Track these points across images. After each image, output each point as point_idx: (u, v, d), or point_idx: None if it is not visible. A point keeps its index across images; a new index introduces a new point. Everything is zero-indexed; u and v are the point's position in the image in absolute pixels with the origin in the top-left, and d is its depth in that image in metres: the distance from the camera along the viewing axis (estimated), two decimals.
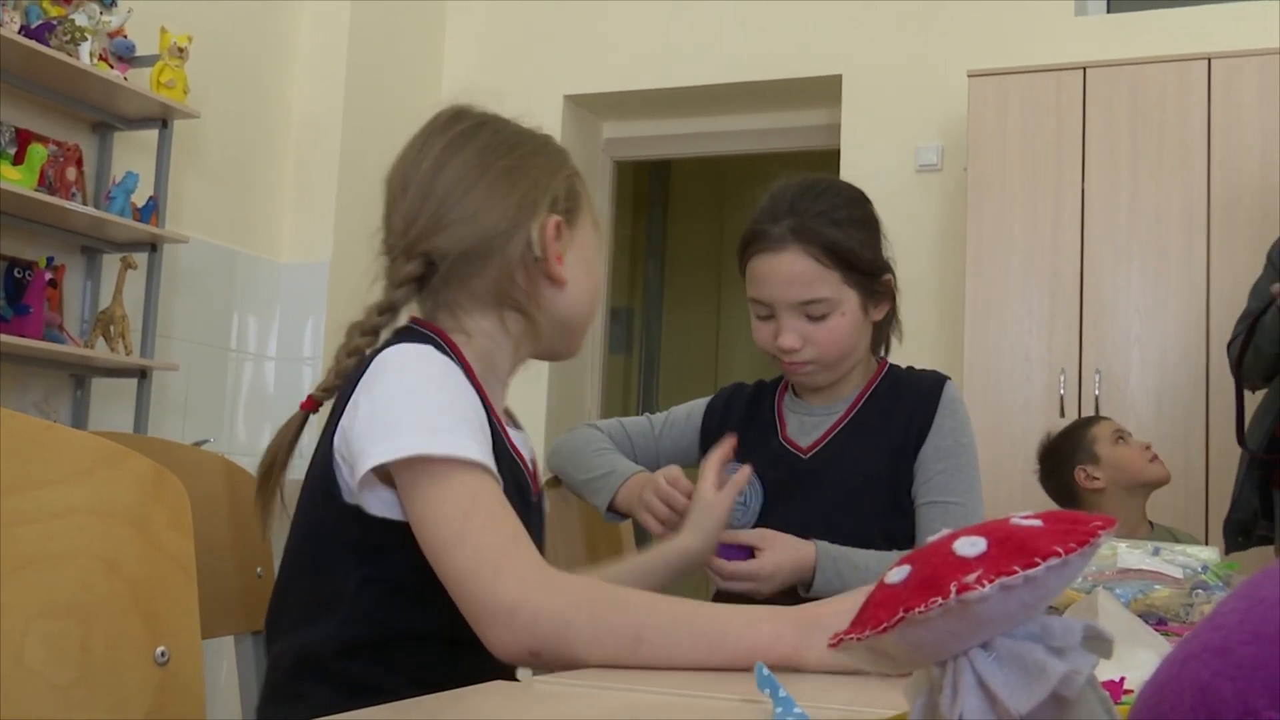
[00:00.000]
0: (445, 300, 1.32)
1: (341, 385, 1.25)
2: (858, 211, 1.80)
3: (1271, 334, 2.82)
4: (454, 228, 1.28)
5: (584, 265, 1.35)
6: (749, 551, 1.68)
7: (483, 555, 1.09)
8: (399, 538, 1.17)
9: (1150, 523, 3.03)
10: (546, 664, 1.08)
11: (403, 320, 1.33)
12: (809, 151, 4.95)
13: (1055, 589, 0.47)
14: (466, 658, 1.24)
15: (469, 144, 1.32)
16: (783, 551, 1.67)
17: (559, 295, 1.32)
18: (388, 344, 1.25)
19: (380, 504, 1.18)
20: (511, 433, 1.34)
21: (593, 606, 1.07)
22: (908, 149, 4.58)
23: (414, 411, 1.16)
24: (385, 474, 1.17)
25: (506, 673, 1.29)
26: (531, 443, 1.39)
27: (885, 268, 1.82)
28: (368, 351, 1.28)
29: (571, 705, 0.91)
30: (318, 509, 1.24)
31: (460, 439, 1.14)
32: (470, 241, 1.28)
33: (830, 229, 1.74)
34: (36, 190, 3.44)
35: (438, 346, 1.25)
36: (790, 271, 1.74)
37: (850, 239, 1.76)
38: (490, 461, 1.16)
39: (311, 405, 1.30)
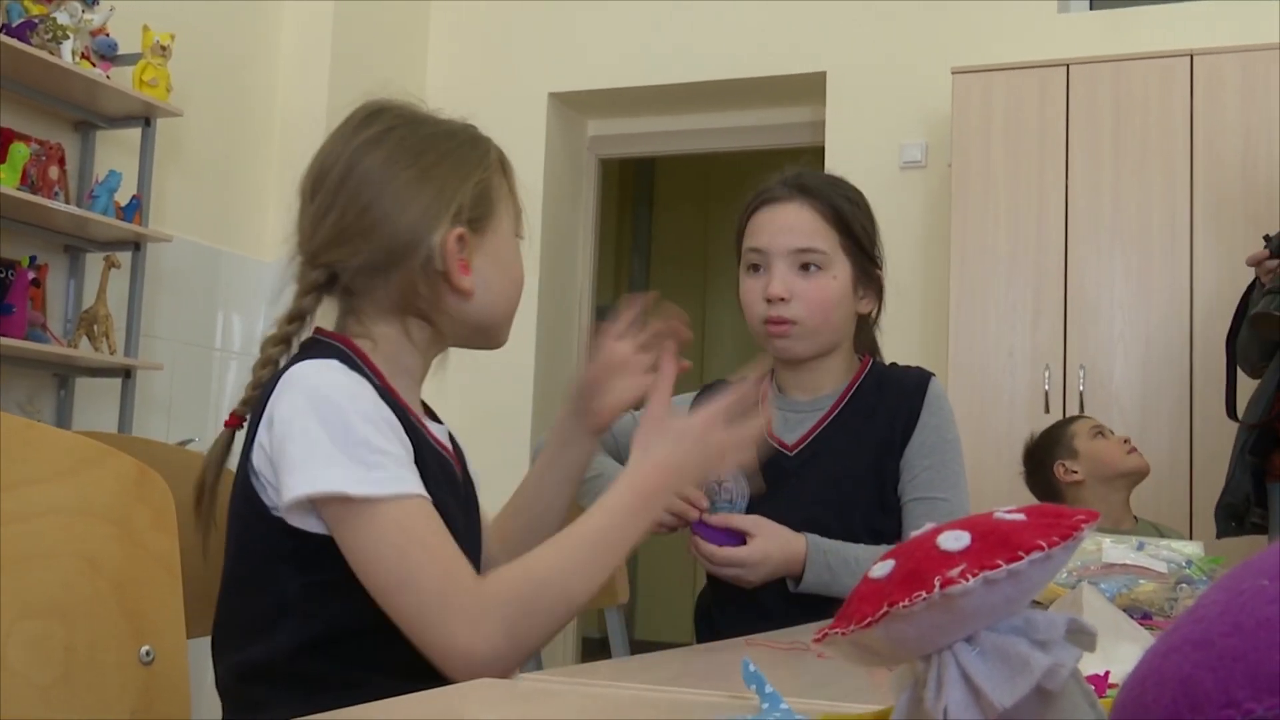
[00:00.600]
0: (351, 307, 1.32)
1: (258, 397, 1.25)
2: (861, 201, 1.88)
3: (1257, 301, 2.82)
4: (354, 241, 1.27)
5: (498, 268, 1.33)
6: (740, 538, 1.69)
7: (426, 599, 1.12)
8: (334, 542, 1.17)
9: (1135, 517, 3.05)
10: (524, 659, 1.15)
11: (318, 324, 1.33)
12: (793, 149, 4.93)
13: (1039, 582, 0.47)
14: None
15: (374, 152, 1.30)
16: (772, 540, 1.68)
17: (466, 304, 1.31)
18: (294, 359, 1.24)
19: (311, 522, 1.17)
20: (431, 426, 1.34)
21: (523, 601, 1.14)
22: (892, 146, 4.59)
23: (325, 443, 1.14)
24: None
25: None
26: (451, 431, 1.40)
27: (878, 261, 1.86)
28: (282, 361, 1.28)
29: (559, 702, 0.91)
30: (245, 524, 1.23)
31: (376, 473, 1.14)
32: (370, 255, 1.27)
33: (836, 198, 1.83)
34: (19, 189, 3.42)
35: (344, 358, 1.24)
36: (792, 219, 1.81)
37: (852, 213, 1.83)
38: (413, 479, 1.16)
39: (236, 422, 1.29)
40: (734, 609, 1.77)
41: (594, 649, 6.20)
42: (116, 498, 1.01)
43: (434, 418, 1.39)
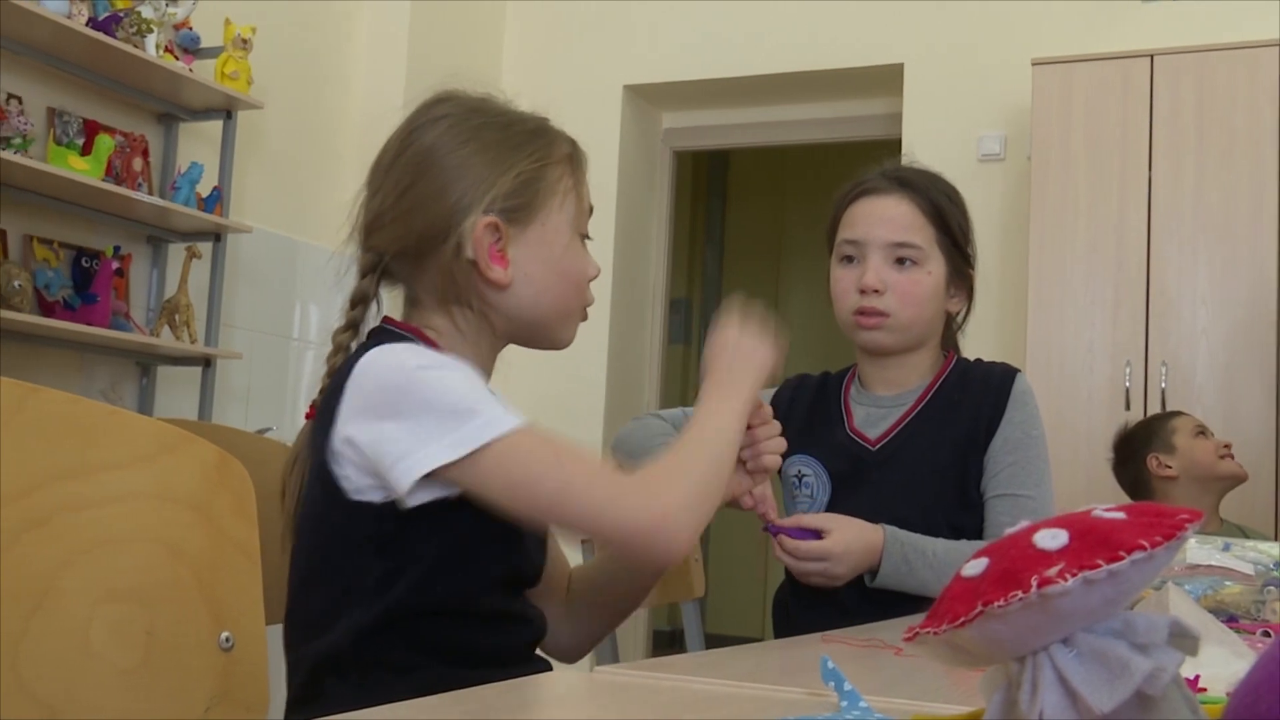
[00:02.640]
0: (410, 296, 1.33)
1: (332, 385, 1.24)
2: (959, 199, 1.87)
3: None
4: (389, 228, 1.29)
5: (544, 263, 1.30)
6: (816, 535, 1.67)
7: (595, 493, 1.15)
8: (416, 524, 1.17)
9: (1221, 519, 2.98)
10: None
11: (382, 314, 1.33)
12: (870, 141, 4.90)
13: (1140, 583, 0.46)
14: (488, 628, 1.23)
15: (422, 138, 1.30)
16: (850, 531, 1.67)
17: (505, 295, 1.29)
18: (365, 347, 1.23)
19: (421, 496, 1.16)
20: None
21: (675, 472, 1.19)
22: (970, 138, 4.52)
23: (435, 409, 1.14)
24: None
25: (528, 643, 1.28)
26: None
27: (971, 260, 1.85)
28: (353, 346, 1.28)
29: (635, 696, 0.90)
30: (321, 511, 1.22)
31: (494, 411, 1.14)
32: (402, 243, 1.28)
33: (935, 193, 1.82)
34: (104, 180, 3.49)
35: (417, 344, 1.24)
36: (891, 211, 1.80)
37: (950, 210, 1.82)
38: (515, 411, 1.18)
39: (315, 415, 1.29)
40: (811, 604, 1.75)
41: (664, 642, 6.20)
42: (198, 484, 1.02)
43: None
